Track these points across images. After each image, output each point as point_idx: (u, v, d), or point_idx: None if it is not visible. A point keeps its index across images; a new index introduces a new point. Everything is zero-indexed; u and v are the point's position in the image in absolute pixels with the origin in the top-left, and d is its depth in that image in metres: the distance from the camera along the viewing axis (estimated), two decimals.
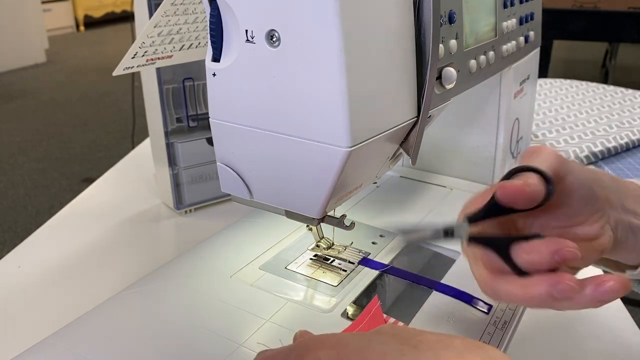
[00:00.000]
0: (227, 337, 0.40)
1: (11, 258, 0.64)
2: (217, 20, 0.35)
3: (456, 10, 0.42)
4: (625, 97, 1.19)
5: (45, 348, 0.40)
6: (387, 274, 0.48)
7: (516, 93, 0.61)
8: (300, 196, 0.38)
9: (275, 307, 0.43)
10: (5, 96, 3.67)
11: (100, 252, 0.66)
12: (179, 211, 0.74)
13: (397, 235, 0.54)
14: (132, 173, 0.88)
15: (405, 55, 0.37)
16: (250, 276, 0.47)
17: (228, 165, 0.40)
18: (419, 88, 0.39)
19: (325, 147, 0.34)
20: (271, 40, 0.33)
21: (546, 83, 1.30)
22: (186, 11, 0.58)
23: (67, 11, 5.69)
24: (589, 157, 0.91)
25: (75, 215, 0.75)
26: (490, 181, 0.63)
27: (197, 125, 0.72)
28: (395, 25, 0.35)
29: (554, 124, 1.04)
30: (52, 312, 0.55)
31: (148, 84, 0.70)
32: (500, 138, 0.61)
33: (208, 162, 0.73)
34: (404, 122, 0.38)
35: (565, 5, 2.03)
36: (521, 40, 0.57)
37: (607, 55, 3.54)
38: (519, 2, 0.55)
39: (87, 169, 2.60)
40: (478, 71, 0.47)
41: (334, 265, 0.49)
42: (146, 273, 0.48)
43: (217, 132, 0.39)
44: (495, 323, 0.42)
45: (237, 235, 0.54)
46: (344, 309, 0.43)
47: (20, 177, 2.52)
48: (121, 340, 0.40)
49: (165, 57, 0.60)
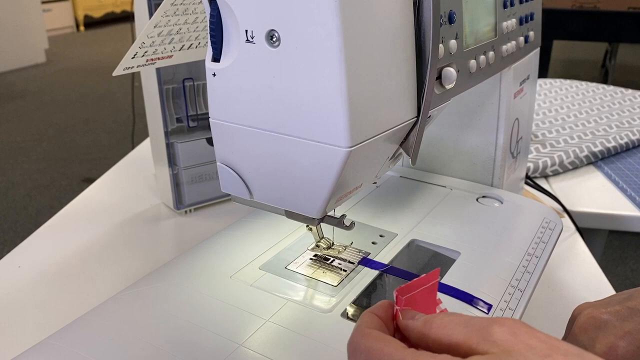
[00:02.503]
0: (227, 337, 0.40)
1: (11, 258, 0.65)
2: (217, 20, 0.35)
3: (456, 11, 0.42)
4: (625, 97, 1.19)
5: (45, 348, 0.40)
6: (387, 274, 0.48)
7: (516, 93, 0.61)
8: (300, 196, 0.38)
9: (275, 307, 0.43)
10: (5, 96, 3.67)
11: (100, 252, 0.66)
12: (179, 211, 0.74)
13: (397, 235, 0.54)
14: (132, 173, 0.88)
15: (405, 55, 0.37)
16: (250, 276, 0.47)
17: (228, 165, 0.40)
18: (419, 88, 0.39)
19: (325, 147, 0.34)
20: (271, 40, 0.33)
21: (546, 83, 1.30)
22: (186, 11, 0.58)
23: (67, 11, 5.69)
24: (589, 157, 0.91)
25: (75, 215, 0.75)
26: (490, 181, 0.63)
27: (197, 125, 0.72)
28: (395, 25, 0.35)
29: (554, 124, 1.04)
30: (52, 312, 0.55)
31: (148, 84, 0.70)
32: (500, 138, 0.61)
33: (208, 162, 0.73)
34: (403, 122, 0.38)
35: (565, 5, 2.03)
36: (521, 40, 0.57)
37: (607, 55, 3.54)
38: (519, 2, 0.55)
39: (87, 169, 2.60)
40: (478, 71, 0.47)
41: (334, 265, 0.49)
42: (146, 273, 0.48)
43: (217, 132, 0.39)
44: None
45: (237, 235, 0.54)
46: (344, 309, 0.43)
47: (20, 177, 2.53)
48: (121, 341, 0.40)
49: (165, 57, 0.60)
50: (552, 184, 0.86)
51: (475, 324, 0.26)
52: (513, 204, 0.60)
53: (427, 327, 0.28)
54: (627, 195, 0.82)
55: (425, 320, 0.29)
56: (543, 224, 0.57)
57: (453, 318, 0.28)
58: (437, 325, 0.28)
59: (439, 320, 0.28)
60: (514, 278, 0.47)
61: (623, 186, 0.83)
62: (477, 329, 0.26)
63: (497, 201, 0.61)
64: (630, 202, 0.80)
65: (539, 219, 0.58)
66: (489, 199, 0.62)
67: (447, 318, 0.28)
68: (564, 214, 0.76)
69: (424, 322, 0.29)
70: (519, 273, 0.48)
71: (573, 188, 0.84)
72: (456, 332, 0.27)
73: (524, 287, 0.47)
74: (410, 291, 0.31)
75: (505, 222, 0.57)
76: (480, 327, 0.26)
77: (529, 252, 0.51)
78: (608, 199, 0.82)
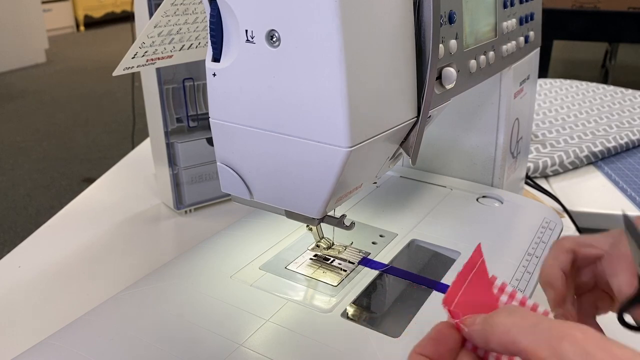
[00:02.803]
0: (227, 337, 0.40)
1: (11, 258, 0.64)
2: (217, 20, 0.35)
3: (456, 10, 0.42)
4: (625, 97, 1.19)
5: (45, 348, 0.40)
6: (387, 274, 0.48)
7: (516, 93, 0.61)
8: (301, 196, 0.38)
9: (275, 307, 0.43)
10: (5, 96, 3.67)
11: (100, 252, 0.66)
12: (179, 211, 0.74)
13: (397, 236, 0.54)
14: (132, 173, 0.88)
15: (405, 55, 0.37)
16: (250, 276, 0.47)
17: (228, 165, 0.40)
18: (419, 88, 0.39)
19: (325, 147, 0.34)
20: (271, 40, 0.33)
21: (546, 83, 1.30)
22: (186, 11, 0.58)
23: (67, 11, 5.68)
24: (589, 157, 0.91)
25: (75, 215, 0.75)
26: (490, 181, 0.63)
27: (197, 125, 0.72)
28: (395, 25, 0.35)
29: (554, 124, 1.04)
30: (52, 312, 0.55)
31: (148, 84, 0.70)
32: (500, 138, 0.61)
33: (208, 162, 0.73)
34: (404, 122, 0.38)
35: (565, 5, 2.03)
36: (521, 40, 0.57)
37: (607, 55, 3.54)
38: (519, 2, 0.55)
39: (87, 169, 2.60)
40: (478, 71, 0.47)
41: (334, 265, 0.49)
42: (146, 273, 0.48)
43: (217, 132, 0.39)
44: None
45: (237, 235, 0.54)
46: (344, 309, 0.43)
47: (20, 177, 2.52)
48: (121, 341, 0.40)
49: (165, 57, 0.60)
50: (552, 184, 0.86)
51: (543, 331, 0.25)
52: (513, 204, 0.60)
53: (489, 331, 0.26)
54: (627, 195, 0.82)
55: (485, 322, 0.27)
56: (543, 224, 0.57)
57: (517, 321, 0.26)
58: (500, 331, 0.26)
59: (501, 325, 0.26)
60: (514, 278, 0.47)
61: (623, 186, 0.83)
62: (546, 340, 0.24)
63: (497, 201, 0.61)
64: (630, 202, 0.80)
65: (539, 219, 0.58)
66: (489, 199, 0.62)
67: (510, 320, 0.26)
68: (564, 214, 0.76)
69: (483, 323, 0.27)
70: (519, 273, 0.48)
71: (573, 188, 0.84)
72: (520, 338, 0.25)
73: (524, 287, 0.47)
74: (456, 293, 0.29)
75: (505, 222, 0.57)
76: (549, 337, 0.24)
77: (529, 252, 0.51)
78: (608, 199, 0.82)
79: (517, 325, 0.25)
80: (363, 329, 0.41)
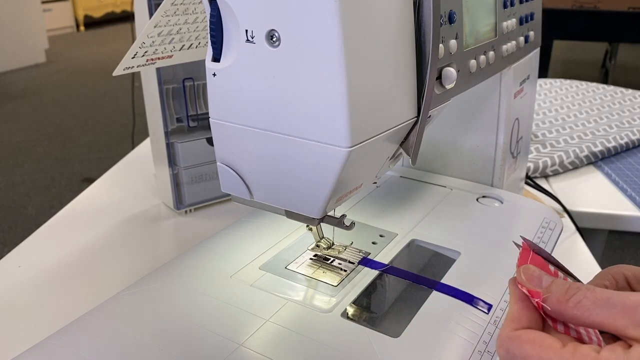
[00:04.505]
0: (227, 337, 0.40)
1: (11, 258, 0.64)
2: (217, 20, 0.35)
3: (456, 10, 0.42)
4: (625, 97, 1.19)
5: (45, 348, 0.40)
6: (387, 274, 0.48)
7: (516, 93, 0.61)
8: (301, 196, 0.38)
9: (275, 307, 0.43)
10: (5, 96, 3.67)
11: (100, 252, 0.66)
12: (179, 211, 0.74)
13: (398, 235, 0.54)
14: (132, 173, 0.88)
15: (405, 55, 0.37)
16: (250, 276, 0.47)
17: (228, 165, 0.40)
18: (419, 88, 0.39)
19: (325, 147, 0.34)
20: (271, 40, 0.33)
21: (546, 83, 1.30)
22: (186, 11, 0.58)
23: (67, 11, 5.68)
24: (589, 157, 0.91)
25: (75, 215, 0.75)
26: (490, 181, 0.63)
27: (197, 125, 0.72)
28: (395, 25, 0.35)
29: (554, 124, 1.04)
30: (52, 312, 0.55)
31: (148, 84, 0.70)
32: (500, 138, 0.61)
33: (208, 162, 0.73)
34: (404, 122, 0.38)
35: (565, 5, 2.03)
36: (521, 40, 0.57)
37: (607, 55, 3.54)
38: (519, 2, 0.55)
39: (87, 169, 2.60)
40: (478, 71, 0.47)
41: (334, 265, 0.49)
42: (146, 273, 0.48)
43: (217, 132, 0.39)
44: (496, 323, 0.42)
45: (237, 235, 0.54)
46: (344, 309, 0.43)
47: (20, 177, 2.53)
48: (121, 340, 0.40)
49: (165, 57, 0.60)
50: (552, 184, 0.86)
51: (617, 304, 0.25)
52: (513, 204, 0.60)
53: (562, 306, 0.27)
54: (627, 195, 0.82)
55: (559, 300, 0.28)
56: (543, 224, 0.57)
57: (589, 294, 0.27)
58: (573, 305, 0.27)
59: (574, 298, 0.27)
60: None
61: (623, 186, 0.83)
62: (621, 310, 0.25)
63: (497, 201, 0.61)
64: (630, 202, 0.80)
65: (539, 219, 0.58)
66: (489, 199, 0.62)
67: (582, 293, 0.27)
68: (564, 214, 0.76)
69: (557, 301, 0.28)
70: None
71: (573, 188, 0.84)
72: (595, 313, 0.26)
73: None
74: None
75: (505, 222, 0.57)
76: (623, 306, 0.25)
77: None
78: (608, 199, 0.82)
79: (590, 300, 0.27)
80: (363, 329, 0.41)
